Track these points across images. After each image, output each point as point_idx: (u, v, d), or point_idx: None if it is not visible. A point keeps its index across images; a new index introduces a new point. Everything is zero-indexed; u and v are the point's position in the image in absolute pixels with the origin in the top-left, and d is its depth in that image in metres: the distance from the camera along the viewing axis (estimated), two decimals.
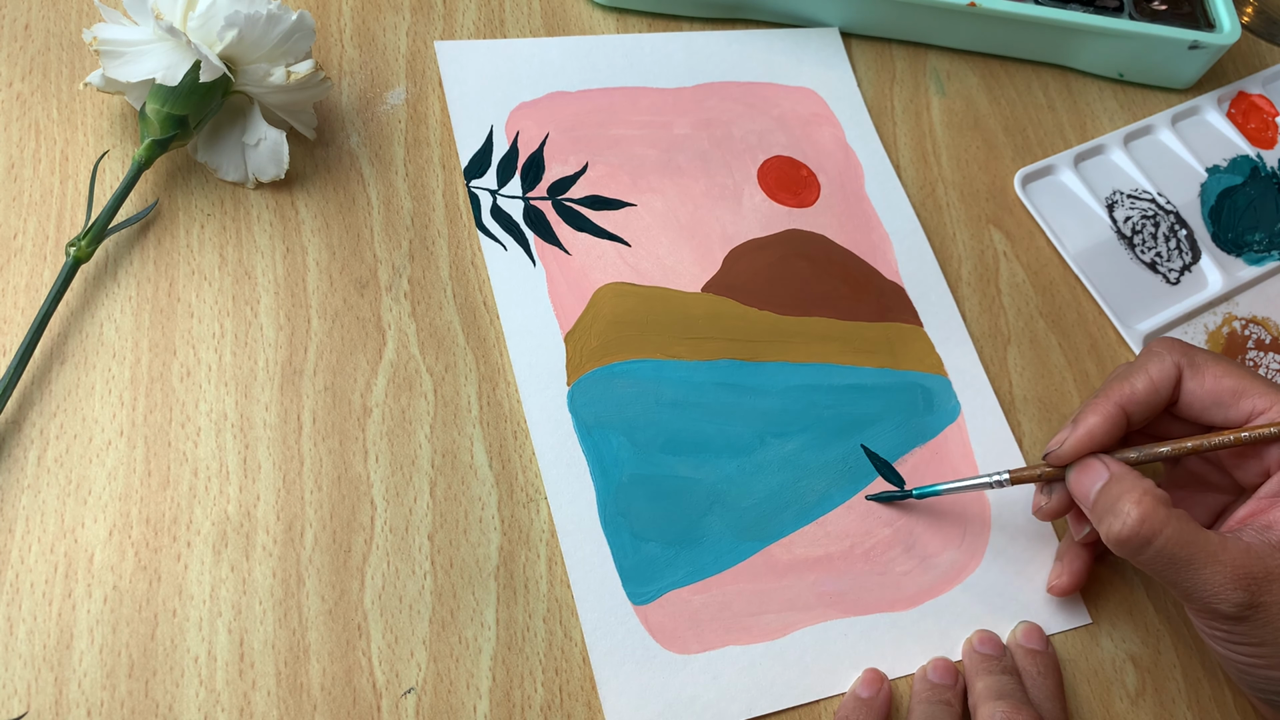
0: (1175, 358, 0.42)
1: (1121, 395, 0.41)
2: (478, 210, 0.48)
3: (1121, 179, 0.57)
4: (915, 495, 0.45)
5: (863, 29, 0.59)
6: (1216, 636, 0.39)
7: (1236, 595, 0.37)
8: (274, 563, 0.39)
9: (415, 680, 0.39)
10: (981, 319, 0.51)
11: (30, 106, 0.46)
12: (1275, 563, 0.37)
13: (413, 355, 0.44)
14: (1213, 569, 0.37)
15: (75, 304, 0.43)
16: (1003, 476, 0.43)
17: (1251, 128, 0.61)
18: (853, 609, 0.43)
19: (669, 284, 0.49)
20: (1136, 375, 0.42)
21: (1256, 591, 0.37)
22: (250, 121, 0.46)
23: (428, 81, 0.51)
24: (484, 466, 0.43)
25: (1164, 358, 0.42)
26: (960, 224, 0.54)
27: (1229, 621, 0.38)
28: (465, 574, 0.41)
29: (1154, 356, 0.42)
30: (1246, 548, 0.37)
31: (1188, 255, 0.56)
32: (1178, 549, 0.37)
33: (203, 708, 0.37)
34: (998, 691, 0.40)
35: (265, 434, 0.42)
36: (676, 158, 0.52)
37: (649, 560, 0.42)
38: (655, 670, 0.40)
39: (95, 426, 0.41)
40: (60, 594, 0.38)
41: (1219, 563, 0.37)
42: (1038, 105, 0.59)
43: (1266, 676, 0.39)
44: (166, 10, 0.43)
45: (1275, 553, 0.37)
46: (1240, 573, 0.37)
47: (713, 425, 0.45)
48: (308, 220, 0.47)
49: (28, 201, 0.44)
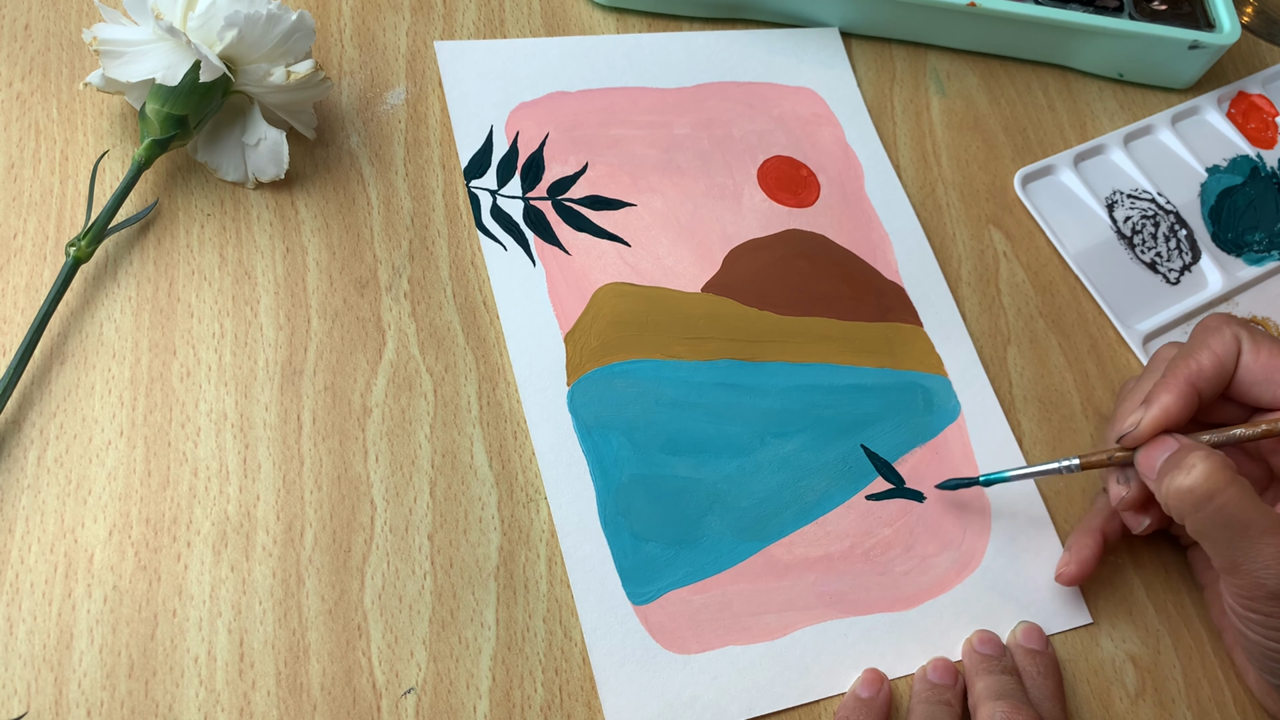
0: (1234, 329, 0.41)
1: (1190, 372, 0.41)
2: (478, 210, 0.48)
3: (1121, 179, 0.57)
4: (982, 482, 0.44)
5: (863, 29, 0.59)
6: (1252, 618, 0.38)
7: None
8: (274, 563, 0.39)
9: (415, 680, 0.39)
10: (981, 319, 0.51)
11: (30, 106, 0.46)
12: None
13: (413, 355, 0.44)
14: (1267, 540, 0.36)
15: (75, 304, 0.43)
16: (1073, 462, 0.43)
17: (1251, 128, 0.61)
18: (853, 609, 0.43)
19: (669, 284, 0.49)
20: (1200, 351, 0.41)
21: None
22: (250, 121, 0.46)
23: (428, 81, 0.51)
24: (484, 466, 0.43)
25: (1224, 330, 0.41)
26: (960, 224, 0.54)
27: (1273, 600, 0.37)
28: (465, 574, 0.41)
29: (1213, 331, 0.41)
30: None
31: (1188, 255, 0.56)
32: (1238, 512, 0.37)
33: (203, 708, 0.37)
34: (998, 691, 0.40)
35: (265, 434, 0.42)
36: (676, 158, 0.52)
37: (649, 560, 0.42)
38: (655, 670, 0.40)
39: (95, 426, 0.41)
40: (60, 594, 0.38)
41: (1277, 535, 0.36)
42: (1038, 105, 0.59)
43: None
44: (166, 10, 0.43)
45: None
46: None
47: (712, 425, 0.45)
48: (308, 220, 0.47)
49: (28, 201, 0.44)
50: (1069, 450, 0.48)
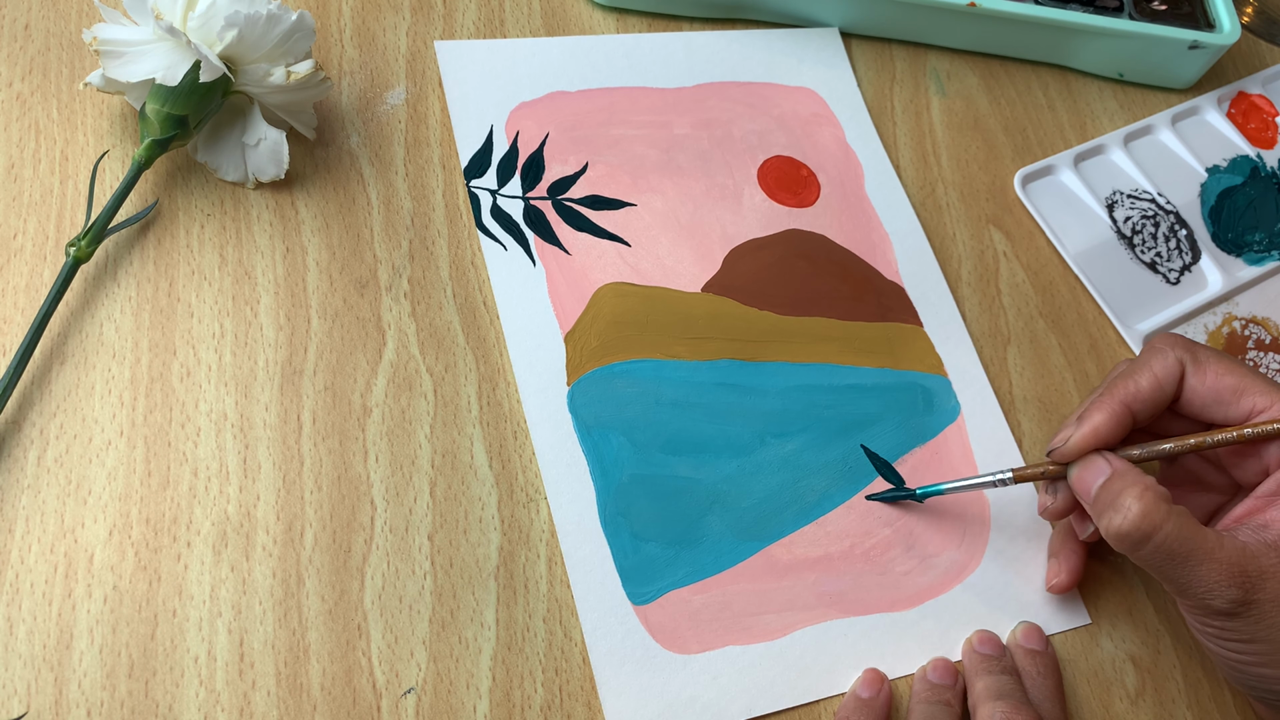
0: (1178, 353, 0.41)
1: (1126, 393, 0.41)
2: (478, 210, 0.48)
3: (1121, 179, 0.57)
4: (918, 495, 0.45)
5: (863, 29, 0.59)
6: (1209, 634, 0.39)
7: (1231, 592, 0.37)
8: (274, 563, 0.39)
9: (415, 680, 0.39)
10: (981, 319, 0.51)
11: (30, 106, 0.46)
12: (1269, 561, 0.37)
13: (413, 355, 0.44)
14: (1209, 566, 0.37)
15: (75, 304, 0.43)
16: (1006, 475, 0.43)
17: (1251, 128, 0.61)
18: (853, 609, 0.43)
19: (669, 284, 0.49)
20: (1140, 372, 0.41)
21: (1250, 589, 0.37)
22: (250, 121, 0.46)
23: (428, 81, 0.51)
24: (484, 466, 0.43)
25: (1167, 354, 0.42)
26: (960, 224, 0.54)
27: (1222, 618, 0.38)
28: (465, 574, 0.41)
29: (1157, 353, 0.42)
30: (1242, 546, 0.37)
31: (1188, 255, 0.56)
32: (1176, 545, 0.37)
33: (203, 708, 0.37)
34: (997, 691, 0.40)
35: (265, 434, 0.42)
36: (676, 158, 0.52)
37: (649, 560, 0.42)
38: (655, 670, 0.40)
39: (95, 426, 0.41)
40: (60, 594, 0.38)
41: (1215, 560, 0.37)
42: (1038, 105, 0.59)
43: (1259, 674, 0.39)
44: (166, 10, 0.43)
45: (1270, 551, 0.37)
46: (1235, 570, 0.37)
47: (713, 425, 0.45)
48: (308, 220, 0.47)
49: (28, 201, 0.44)
50: None
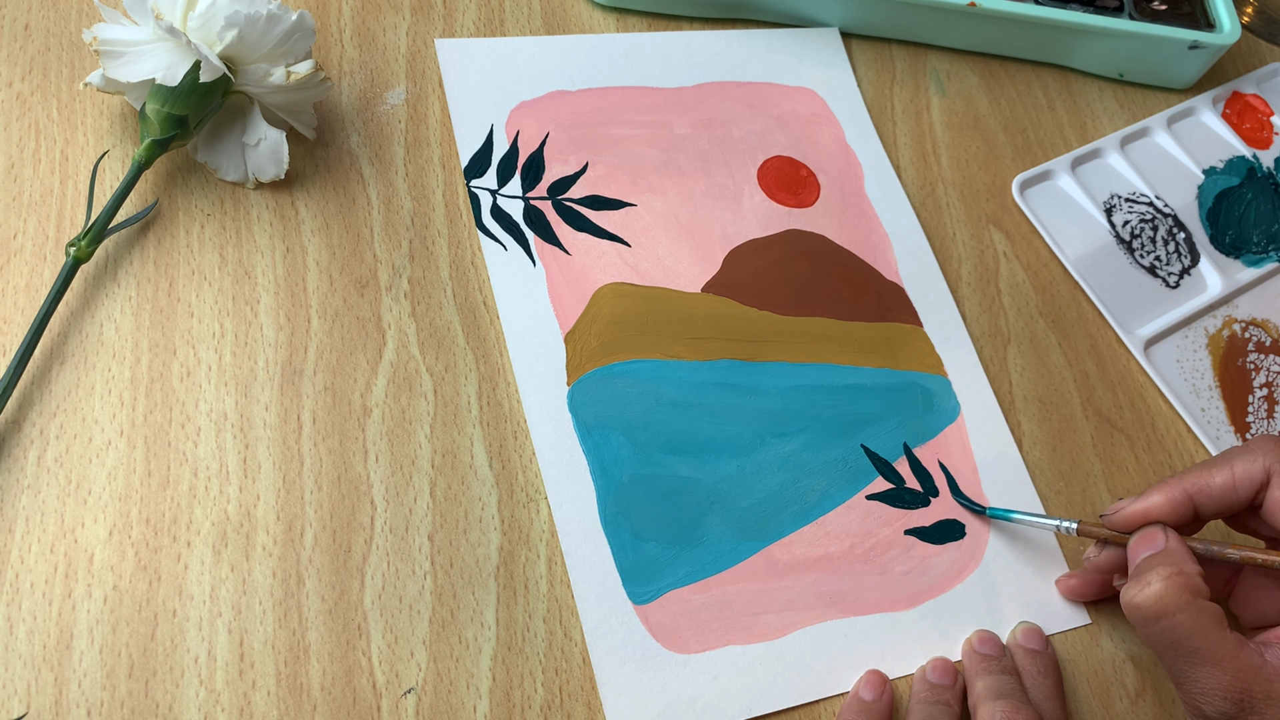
0: (1268, 461, 0.40)
1: (1194, 484, 0.40)
2: (478, 210, 0.48)
3: (1119, 183, 0.58)
4: (988, 514, 0.46)
5: (863, 29, 0.59)
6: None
7: (1224, 705, 0.36)
8: (274, 563, 0.39)
9: (415, 680, 0.39)
10: (981, 319, 0.51)
11: (30, 106, 0.46)
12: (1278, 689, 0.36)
13: (413, 355, 0.44)
14: (1210, 670, 0.36)
15: (75, 304, 0.43)
16: (1071, 526, 0.43)
17: (1247, 128, 0.61)
18: (853, 609, 0.43)
19: (669, 284, 0.49)
20: (1218, 468, 0.40)
21: (1246, 709, 0.36)
22: (250, 121, 0.46)
23: (428, 81, 0.51)
24: (484, 466, 0.43)
25: (1255, 459, 0.40)
26: (960, 224, 0.54)
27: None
28: (465, 574, 0.41)
29: (1246, 453, 0.40)
30: (1260, 664, 0.36)
31: (1186, 258, 0.56)
32: (1184, 637, 0.37)
33: (203, 708, 0.37)
34: (997, 691, 0.40)
35: (265, 434, 0.42)
36: (676, 158, 0.52)
37: (649, 560, 0.42)
38: (655, 670, 0.40)
39: (95, 426, 0.40)
40: (60, 594, 0.38)
41: (1221, 667, 0.36)
42: (1038, 105, 0.59)
43: None
44: (166, 10, 0.43)
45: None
46: (1239, 684, 0.36)
47: (713, 425, 0.45)
48: (308, 220, 0.47)
49: (28, 201, 0.44)
50: (1068, 451, 0.48)
